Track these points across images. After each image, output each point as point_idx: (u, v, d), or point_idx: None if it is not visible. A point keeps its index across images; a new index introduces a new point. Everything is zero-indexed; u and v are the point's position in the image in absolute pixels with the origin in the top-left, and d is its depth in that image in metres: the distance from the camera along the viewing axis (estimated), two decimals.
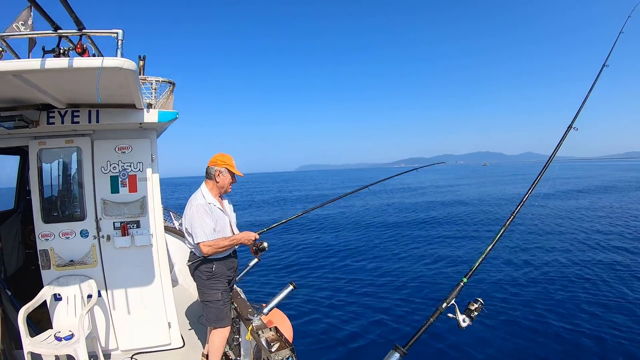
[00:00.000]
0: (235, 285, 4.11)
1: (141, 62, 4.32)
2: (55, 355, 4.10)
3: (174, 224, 7.42)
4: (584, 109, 3.59)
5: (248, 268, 4.14)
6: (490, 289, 9.79)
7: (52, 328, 4.22)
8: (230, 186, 3.85)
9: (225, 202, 3.96)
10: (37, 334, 4.09)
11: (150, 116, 4.08)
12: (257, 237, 3.82)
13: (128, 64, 2.65)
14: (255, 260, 4.15)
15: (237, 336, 4.07)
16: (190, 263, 3.76)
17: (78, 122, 3.99)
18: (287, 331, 3.56)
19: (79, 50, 3.06)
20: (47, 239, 4.24)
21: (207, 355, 3.96)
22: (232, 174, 3.79)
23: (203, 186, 3.77)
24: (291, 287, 3.49)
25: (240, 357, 3.95)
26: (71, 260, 4.28)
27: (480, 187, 49.73)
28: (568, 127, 3.45)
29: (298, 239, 17.86)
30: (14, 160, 5.68)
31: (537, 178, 3.27)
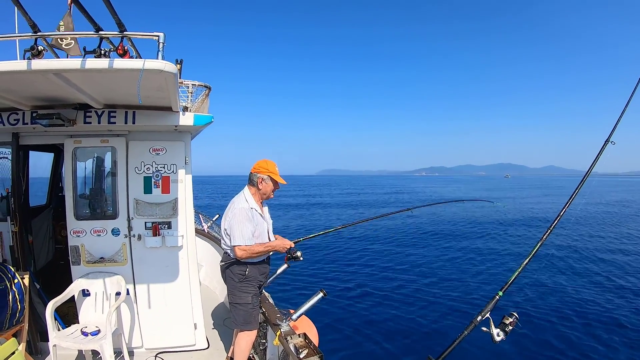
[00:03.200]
0: (263, 290, 3.98)
1: (178, 66, 4.21)
2: (78, 350, 4.03)
3: (203, 227, 7.31)
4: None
5: (277, 273, 4.01)
6: (525, 304, 9.22)
7: (78, 322, 4.11)
8: (273, 193, 3.71)
9: (265, 208, 3.82)
10: (63, 328, 3.99)
11: (186, 119, 3.96)
12: (292, 245, 3.68)
13: (169, 66, 2.54)
14: (285, 266, 4.02)
15: (264, 341, 3.91)
16: (223, 263, 3.62)
17: (114, 123, 3.88)
18: (314, 338, 3.42)
19: (120, 51, 2.96)
20: (78, 236, 4.14)
21: (231, 358, 3.81)
22: (275, 182, 3.66)
23: (246, 190, 3.64)
24: (321, 294, 3.34)
25: None
26: (101, 258, 4.17)
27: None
28: (605, 141, 3.27)
29: (330, 247, 17.24)
30: (48, 157, 5.61)
31: (574, 193, 3.12)
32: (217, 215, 6.38)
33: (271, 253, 3.73)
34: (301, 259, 3.79)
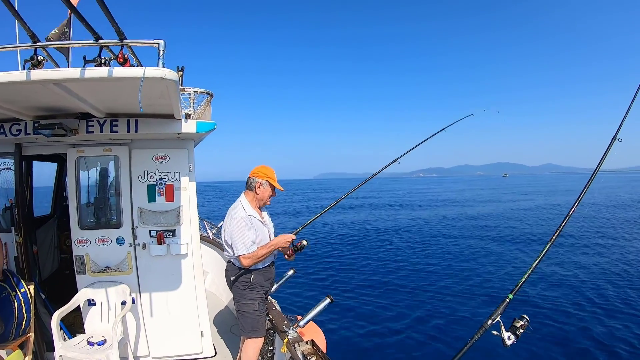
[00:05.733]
0: (269, 297, 3.92)
1: (179, 73, 4.16)
2: None
3: (208, 234, 7.28)
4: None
5: (283, 280, 3.96)
6: (536, 306, 9.09)
7: (84, 332, 4.04)
8: (270, 199, 3.64)
9: (264, 213, 3.74)
10: (69, 338, 3.93)
11: (189, 126, 3.88)
12: (294, 237, 3.58)
13: (170, 74, 2.46)
14: (291, 272, 3.96)
15: (271, 348, 3.83)
16: (228, 273, 3.56)
17: (117, 132, 3.80)
18: (321, 345, 3.36)
19: (121, 60, 2.89)
20: (83, 245, 4.07)
21: None
22: (273, 188, 3.59)
23: (243, 197, 3.57)
24: (328, 300, 3.27)
25: None
26: (106, 267, 4.09)
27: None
28: (612, 139, 3.18)
29: (336, 253, 16.94)
30: (51, 167, 5.55)
31: (582, 191, 3.04)
32: (222, 223, 6.35)
33: (276, 256, 3.66)
34: (307, 246, 3.70)
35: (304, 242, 3.69)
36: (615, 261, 13.77)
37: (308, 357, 2.89)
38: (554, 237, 2.84)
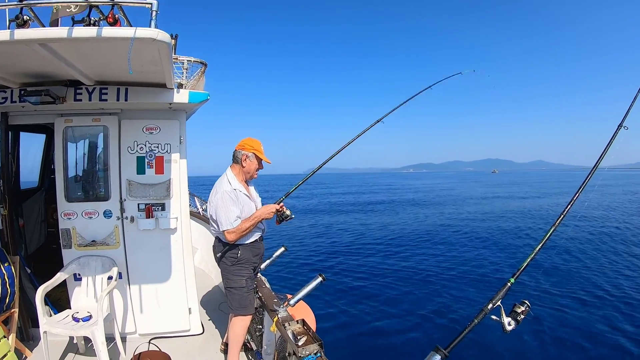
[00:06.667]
0: (259, 274, 3.84)
1: (173, 41, 4.04)
2: (70, 336, 3.88)
3: (198, 209, 7.19)
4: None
5: (274, 257, 3.87)
6: (538, 292, 8.99)
7: (70, 308, 3.94)
8: (257, 172, 3.53)
9: (252, 188, 3.63)
10: (55, 313, 3.84)
11: (181, 97, 3.74)
12: (278, 207, 3.48)
13: (162, 35, 2.34)
14: (282, 249, 3.87)
15: (260, 326, 3.76)
16: (215, 249, 3.47)
17: (106, 100, 3.66)
18: (312, 324, 3.29)
19: (111, 20, 2.76)
20: (69, 218, 3.95)
21: (227, 344, 3.69)
22: (259, 160, 3.48)
23: (229, 171, 3.45)
24: (320, 278, 3.18)
25: (261, 348, 3.67)
26: (93, 241, 3.98)
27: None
28: (618, 126, 3.08)
29: (330, 231, 17.01)
30: (39, 138, 5.41)
31: (587, 177, 2.97)
32: None
33: (264, 231, 3.57)
34: (292, 217, 3.59)
35: (288, 212, 3.58)
36: (619, 249, 13.79)
37: (298, 337, 2.81)
38: (557, 221, 2.77)
